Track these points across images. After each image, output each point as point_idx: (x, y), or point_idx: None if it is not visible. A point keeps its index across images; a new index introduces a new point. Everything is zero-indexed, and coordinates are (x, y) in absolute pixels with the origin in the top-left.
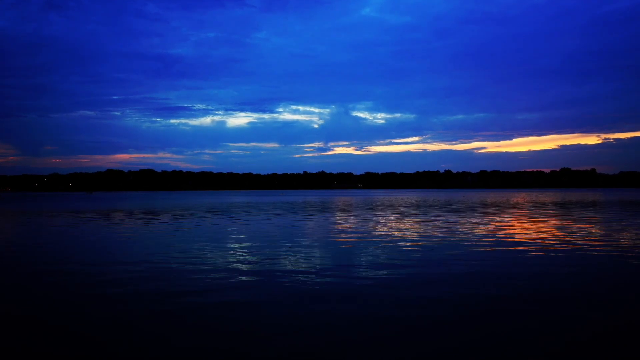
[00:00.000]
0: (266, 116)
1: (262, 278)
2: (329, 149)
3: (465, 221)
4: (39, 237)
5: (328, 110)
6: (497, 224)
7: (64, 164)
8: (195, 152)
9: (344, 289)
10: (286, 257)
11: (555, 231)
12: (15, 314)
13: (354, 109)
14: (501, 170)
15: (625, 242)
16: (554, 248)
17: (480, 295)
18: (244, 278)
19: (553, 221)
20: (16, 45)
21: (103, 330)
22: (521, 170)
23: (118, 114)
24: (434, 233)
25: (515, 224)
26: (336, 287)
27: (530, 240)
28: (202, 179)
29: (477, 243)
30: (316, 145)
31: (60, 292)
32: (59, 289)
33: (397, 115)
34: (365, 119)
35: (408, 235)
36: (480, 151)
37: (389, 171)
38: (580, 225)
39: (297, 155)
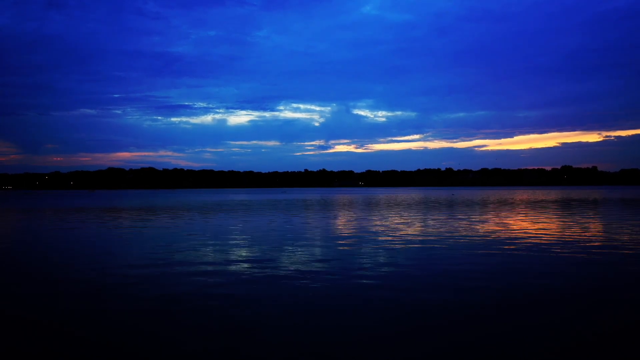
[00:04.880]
0: (267, 114)
1: (263, 278)
2: (330, 147)
3: (465, 220)
4: (40, 236)
5: (329, 108)
6: (485, 223)
7: (65, 162)
8: (196, 150)
9: (345, 289)
10: (287, 256)
11: (553, 230)
12: (15, 315)
13: (354, 107)
14: (502, 168)
15: (626, 241)
16: (551, 247)
17: (480, 295)
18: (244, 277)
19: (553, 220)
20: (17, 44)
21: (103, 330)
22: (522, 168)
23: (119, 112)
24: (432, 232)
25: (510, 222)
26: (337, 287)
27: (528, 240)
28: (203, 177)
29: (474, 242)
30: (317, 144)
31: (60, 293)
32: (59, 289)
33: (398, 113)
34: (366, 117)
35: (407, 233)
36: (481, 149)
37: (390, 169)
38: (581, 224)
39: (298, 154)
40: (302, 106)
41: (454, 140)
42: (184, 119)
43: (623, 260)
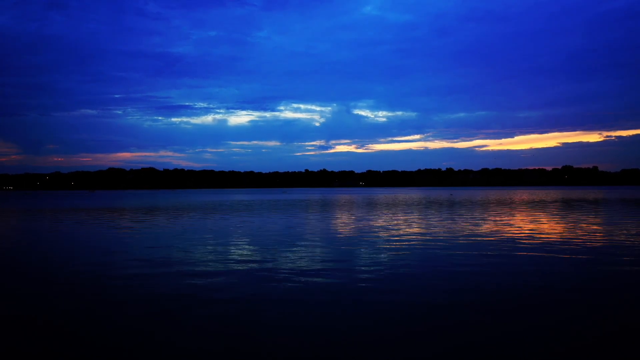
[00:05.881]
0: (267, 114)
1: (263, 278)
2: (331, 147)
3: (463, 220)
4: (40, 237)
5: (329, 108)
6: (483, 223)
7: (66, 162)
8: (196, 150)
9: (344, 290)
10: (287, 256)
11: (553, 230)
12: (15, 315)
13: (355, 107)
14: (503, 168)
15: (626, 242)
16: (551, 248)
17: (479, 296)
18: (244, 278)
19: (553, 220)
20: (18, 44)
21: (103, 331)
22: (523, 168)
23: (119, 112)
24: (431, 232)
25: (510, 223)
26: (337, 287)
27: (527, 240)
28: (203, 178)
29: (473, 242)
30: (318, 144)
31: (61, 293)
32: (59, 290)
33: (399, 113)
34: (366, 117)
35: (407, 234)
36: (482, 149)
37: (390, 169)
38: (581, 225)
39: (298, 154)
40: (302, 106)
41: (455, 140)
42: (184, 119)
43: (623, 261)
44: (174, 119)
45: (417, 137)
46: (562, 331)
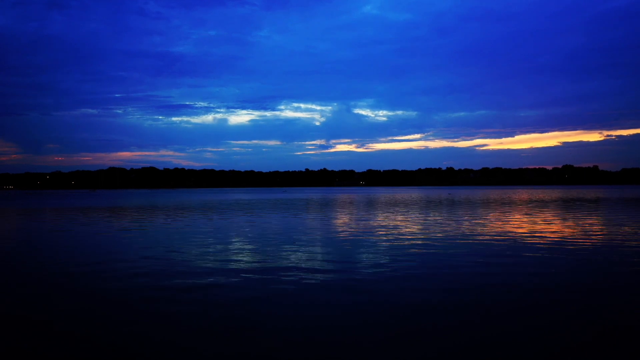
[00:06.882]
0: (268, 114)
1: (262, 278)
2: (331, 147)
3: (462, 220)
4: (43, 236)
5: (330, 107)
6: (481, 223)
7: (67, 162)
8: (197, 149)
9: (344, 290)
10: (286, 256)
11: (551, 230)
12: (15, 315)
13: (355, 107)
14: (503, 168)
15: (625, 241)
16: (549, 248)
17: (478, 296)
18: (243, 277)
19: (552, 219)
20: (18, 44)
21: (102, 331)
22: (523, 167)
23: (120, 112)
24: (432, 231)
25: (508, 222)
26: (337, 287)
27: (525, 240)
28: (204, 177)
29: (471, 242)
30: (318, 143)
31: (60, 293)
32: (61, 289)
33: (399, 112)
34: (367, 116)
35: (409, 233)
36: (482, 148)
37: (390, 168)
38: (581, 224)
39: (299, 153)
40: (302, 105)
41: (455, 139)
42: (185, 118)
43: (622, 261)
44: (174, 119)
45: (417, 136)
46: (562, 331)
